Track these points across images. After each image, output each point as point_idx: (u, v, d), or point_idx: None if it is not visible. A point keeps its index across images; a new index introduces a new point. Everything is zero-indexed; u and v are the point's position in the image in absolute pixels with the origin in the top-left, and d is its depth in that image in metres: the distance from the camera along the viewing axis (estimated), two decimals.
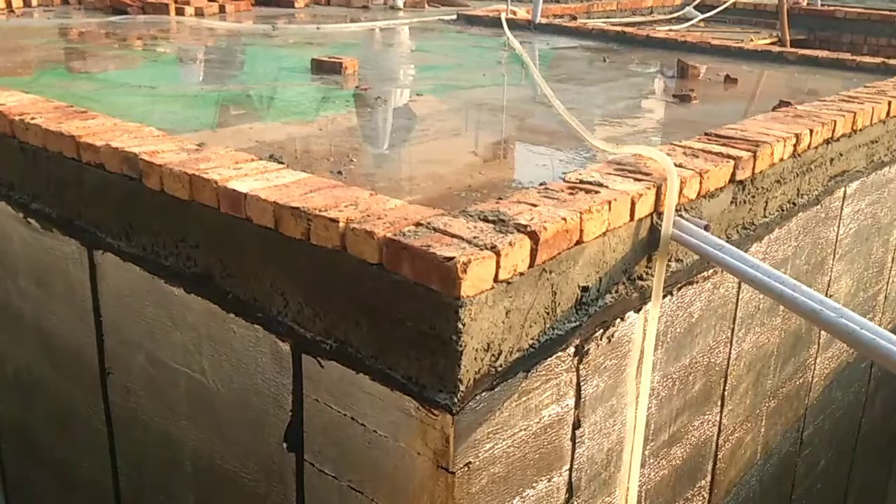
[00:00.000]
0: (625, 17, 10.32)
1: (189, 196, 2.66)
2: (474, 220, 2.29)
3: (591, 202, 2.44)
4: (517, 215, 2.32)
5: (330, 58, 5.30)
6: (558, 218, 2.31)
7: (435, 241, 2.13)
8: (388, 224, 2.23)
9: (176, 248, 2.79)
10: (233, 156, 2.86)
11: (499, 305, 2.16)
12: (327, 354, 2.39)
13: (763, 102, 4.72)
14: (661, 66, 6.03)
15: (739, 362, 3.54)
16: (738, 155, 3.09)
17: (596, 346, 2.59)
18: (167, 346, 2.93)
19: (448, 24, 8.08)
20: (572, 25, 7.81)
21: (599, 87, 5.06)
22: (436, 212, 2.35)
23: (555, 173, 3.17)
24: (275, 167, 2.75)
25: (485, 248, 2.10)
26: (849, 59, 6.17)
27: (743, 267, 2.39)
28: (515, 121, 4.10)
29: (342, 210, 2.34)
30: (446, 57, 6.09)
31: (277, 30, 7.31)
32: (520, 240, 2.17)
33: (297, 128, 3.75)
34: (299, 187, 2.55)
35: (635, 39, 7.15)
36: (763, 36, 9.87)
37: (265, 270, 2.51)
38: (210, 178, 2.59)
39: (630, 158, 2.95)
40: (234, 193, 2.52)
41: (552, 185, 2.62)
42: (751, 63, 6.28)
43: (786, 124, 3.62)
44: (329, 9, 9.34)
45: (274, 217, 2.42)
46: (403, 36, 7.19)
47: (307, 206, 2.35)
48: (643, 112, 4.43)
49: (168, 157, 2.80)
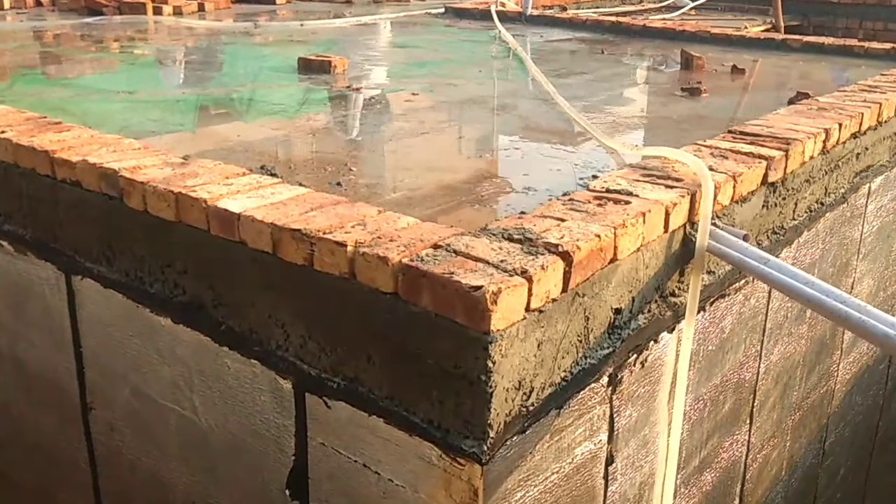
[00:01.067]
0: (614, 6, 10.10)
1: (175, 217, 2.40)
2: (498, 239, 2.05)
3: (624, 215, 2.20)
4: (545, 233, 2.07)
5: (318, 56, 5.03)
6: (591, 235, 2.06)
7: (457, 267, 1.88)
8: (403, 247, 1.98)
9: (162, 273, 2.53)
10: (222, 169, 2.59)
11: (530, 338, 1.91)
12: (335, 394, 2.14)
13: (776, 94, 4.50)
14: (664, 58, 5.79)
15: (768, 376, 3.31)
16: (770, 154, 2.86)
17: (629, 373, 2.35)
18: (154, 381, 2.67)
19: (436, 17, 7.82)
20: (565, 17, 7.56)
21: (601, 82, 4.82)
22: (454, 231, 2.10)
23: (572, 178, 2.92)
24: (269, 181, 2.49)
25: (514, 274, 1.85)
26: (856, 45, 5.95)
27: (796, 284, 2.15)
28: (519, 121, 3.86)
29: (349, 231, 2.08)
30: (438, 52, 5.83)
31: (259, 27, 7.03)
32: (552, 262, 1.93)
33: (288, 133, 3.49)
34: (298, 205, 2.29)
35: (631, 30, 6.91)
36: (757, 23, 9.67)
37: (262, 299, 2.25)
38: (198, 196, 2.33)
39: (655, 162, 2.71)
40: (225, 214, 2.26)
41: (577, 196, 2.38)
42: (753, 52, 6.06)
43: (812, 118, 3.39)
44: (311, 4, 9.05)
45: (271, 240, 2.16)
46: (391, 31, 6.92)
47: (309, 228, 2.10)
48: (651, 107, 4.19)
49: (151, 172, 2.54)
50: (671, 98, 4.37)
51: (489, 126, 3.81)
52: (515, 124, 3.79)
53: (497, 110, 4.10)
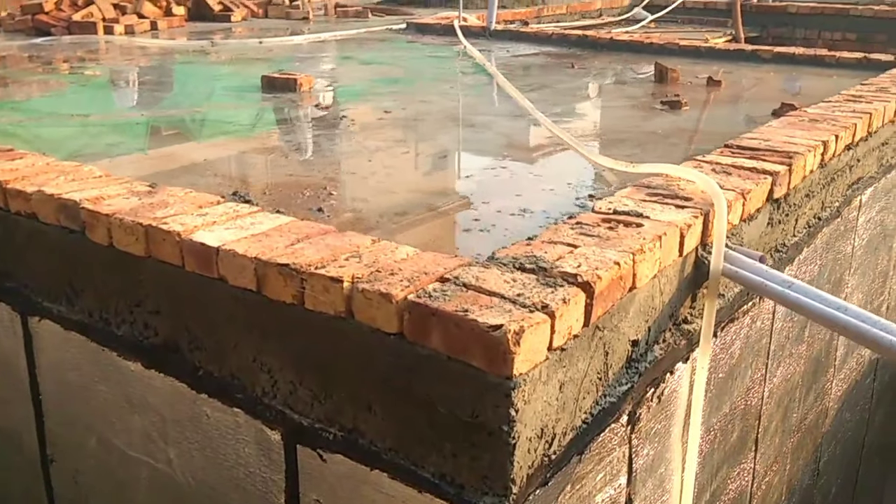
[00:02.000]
0: (574, 20, 10.03)
1: (145, 252, 2.17)
2: (510, 269, 1.86)
3: (640, 240, 2.03)
4: (559, 261, 1.89)
5: (282, 74, 4.82)
6: (610, 263, 1.89)
7: (471, 303, 1.69)
8: (406, 281, 1.79)
9: (130, 314, 2.30)
10: (194, 198, 2.37)
11: (553, 379, 1.73)
12: (331, 445, 1.93)
13: (758, 106, 4.40)
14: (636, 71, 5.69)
15: (771, 400, 3.17)
16: (774, 169, 2.73)
17: (647, 409, 2.18)
18: (124, 431, 2.42)
19: (398, 33, 7.64)
20: (530, 31, 7.44)
21: (576, 96, 4.68)
22: (459, 261, 1.91)
23: (568, 199, 2.75)
24: (247, 210, 2.28)
25: (535, 309, 1.67)
26: (827, 55, 5.91)
27: (827, 310, 2.00)
28: (501, 138, 3.68)
29: (343, 265, 1.88)
30: (405, 69, 5.65)
31: (216, 46, 6.79)
32: (573, 295, 1.74)
33: (258, 156, 3.27)
34: (282, 235, 2.08)
35: (598, 43, 6.81)
36: (718, 34, 9.67)
37: (246, 342, 2.03)
38: (170, 229, 2.11)
39: (658, 180, 2.56)
40: (201, 248, 2.04)
41: (584, 219, 2.21)
42: (724, 63, 5.99)
43: (807, 130, 3.27)
44: (267, 21, 8.83)
45: (255, 277, 1.95)
46: (354, 48, 6.72)
47: (298, 262, 1.89)
48: (632, 122, 4.05)
49: (116, 203, 2.31)
50: (652, 112, 4.24)
51: (471, 145, 3.63)
52: (498, 142, 3.61)
53: (476, 128, 3.93)
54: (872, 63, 5.70)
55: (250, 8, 9.07)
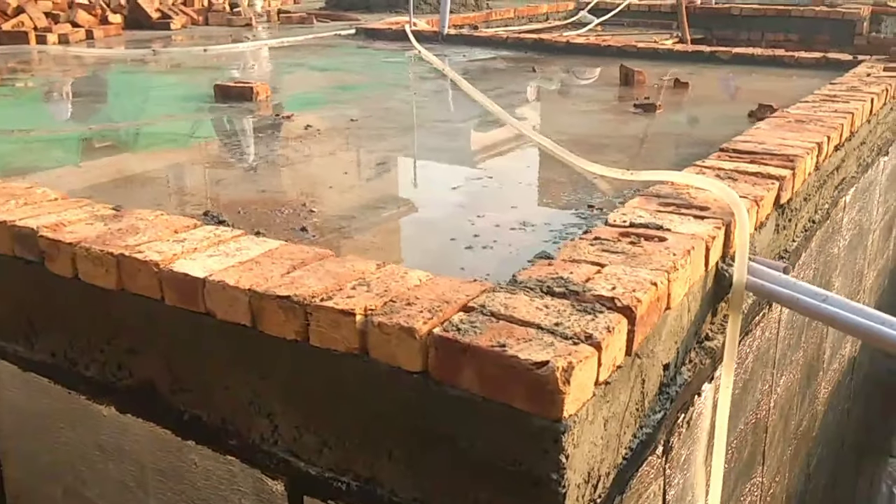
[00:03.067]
0: (522, 24, 9.93)
1: (116, 284, 1.93)
2: (538, 294, 1.68)
3: (670, 256, 1.87)
4: (589, 283, 1.72)
5: (236, 83, 4.56)
6: (647, 284, 1.72)
7: (506, 335, 1.50)
8: (427, 312, 1.59)
9: (101, 353, 2.05)
10: (167, 221, 2.14)
11: (598, 417, 1.55)
12: (344, 497, 1.72)
13: (732, 107, 4.32)
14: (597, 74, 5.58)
15: (776, 410, 3.06)
16: (780, 174, 2.60)
17: (678, 436, 2.02)
18: (96, 482, 2.17)
19: (347, 39, 7.42)
20: (485, 35, 7.30)
21: (545, 101, 4.54)
22: (480, 286, 1.72)
23: (568, 210, 2.59)
24: (230, 234, 2.05)
25: (579, 341, 1.49)
26: (786, 55, 5.89)
27: (874, 326, 1.86)
28: (478, 146, 3.52)
29: (352, 295, 1.68)
30: (362, 75, 5.44)
31: (158, 54, 6.48)
32: (616, 322, 1.57)
33: (226, 172, 3.03)
34: (275, 262, 1.87)
35: (555, 47, 6.69)
36: (665, 37, 9.67)
37: (239, 383, 1.81)
38: (147, 258, 1.87)
39: (666, 189, 2.41)
40: (185, 280, 1.81)
41: (601, 233, 2.04)
42: (683, 65, 5.92)
43: (797, 132, 3.17)
44: (208, 29, 8.52)
45: (250, 311, 1.73)
46: (305, 54, 6.48)
47: (301, 294, 1.68)
48: (609, 126, 3.92)
49: (79, 230, 2.06)
50: (626, 115, 4.12)
51: (449, 154, 3.44)
52: (476, 150, 3.45)
53: (449, 136, 3.75)
54: (831, 63, 5.70)
55: (190, 15, 8.75)
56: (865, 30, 9.85)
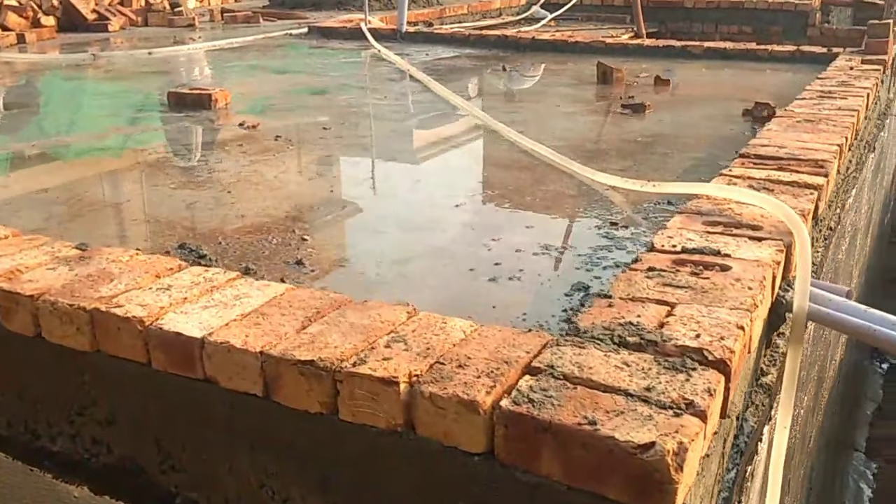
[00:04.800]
0: (476, 20, 9.69)
1: (91, 345, 1.61)
2: (610, 346, 1.41)
3: (745, 290, 1.62)
4: (665, 329, 1.46)
5: (191, 89, 4.21)
6: (733, 328, 1.47)
7: (590, 407, 1.23)
8: (486, 377, 1.31)
9: (70, 424, 1.72)
10: (145, 263, 1.81)
11: (696, 497, 1.29)
12: None
13: (723, 105, 4.12)
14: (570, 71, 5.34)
15: (799, 433, 2.85)
16: (816, 183, 2.39)
17: (746, 494, 1.77)
18: None
19: (301, 38, 7.06)
20: (445, 32, 7.01)
21: (524, 102, 4.28)
22: (539, 338, 1.45)
23: (591, 230, 2.33)
24: (223, 277, 1.74)
25: (680, 411, 1.23)
26: (759, 49, 5.75)
27: None
28: (470, 156, 3.24)
29: (387, 355, 1.39)
30: (324, 77, 5.11)
31: (98, 58, 6.04)
32: (715, 382, 1.31)
33: (196, 194, 2.70)
34: (284, 313, 1.56)
35: (520, 44, 6.44)
36: (620, 30, 9.52)
37: (247, 462, 1.51)
38: (129, 314, 1.55)
39: (707, 205, 2.17)
40: (178, 341, 1.50)
41: (654, 262, 1.78)
42: (654, 60, 5.72)
43: (813, 133, 2.98)
44: (148, 30, 8.06)
45: (263, 378, 1.43)
46: (259, 56, 6.11)
47: (326, 357, 1.38)
48: (602, 129, 3.68)
49: (40, 277, 1.73)
50: (616, 117, 3.88)
51: (439, 164, 3.16)
52: (468, 161, 3.17)
53: (435, 144, 3.46)
54: (806, 56, 5.57)
55: (128, 16, 8.27)
56: (818, 20, 9.83)
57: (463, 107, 3.93)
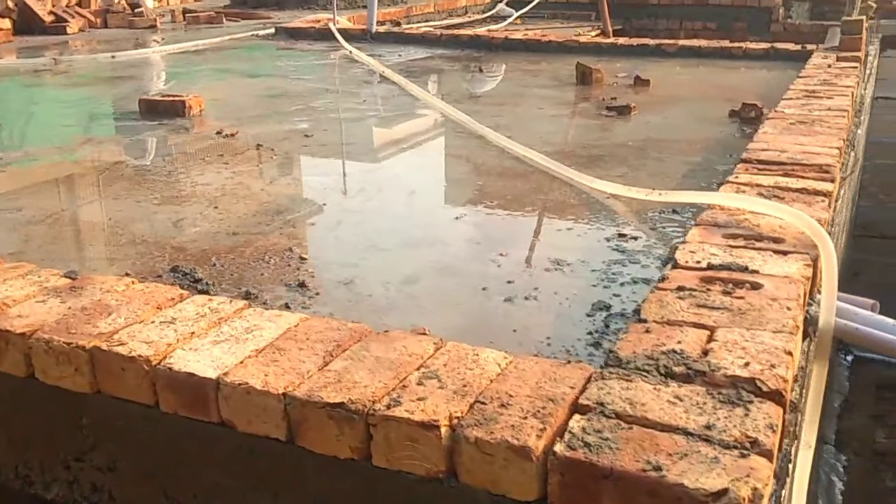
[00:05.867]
0: (442, 18, 9.60)
1: (91, 387, 1.49)
2: (657, 377, 1.34)
3: (785, 311, 1.56)
4: (710, 357, 1.39)
5: (164, 96, 4.06)
6: (781, 353, 1.40)
7: (650, 449, 1.15)
8: (533, 418, 1.22)
9: (66, 469, 1.60)
10: (143, 293, 1.69)
11: None
12: None
13: (706, 105, 4.08)
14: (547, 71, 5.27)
15: None
16: (826, 189, 2.34)
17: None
18: None
19: (268, 39, 6.90)
20: (416, 33, 6.91)
21: (505, 105, 4.20)
22: (580, 371, 1.36)
23: (600, 243, 2.25)
24: (230, 308, 1.63)
25: (746, 451, 1.15)
26: (734, 46, 5.74)
27: None
28: (462, 163, 3.14)
29: (421, 394, 1.29)
30: (298, 81, 4.97)
31: (60, 63, 5.83)
32: (776, 416, 1.25)
33: (181, 209, 2.57)
34: (302, 347, 1.46)
35: (492, 44, 6.36)
36: (586, 28, 9.50)
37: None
38: (134, 353, 1.44)
39: (722, 216, 2.10)
40: (190, 381, 1.39)
41: (682, 280, 1.71)
42: (629, 59, 5.68)
43: (811, 136, 2.94)
44: (108, 32, 7.83)
45: (287, 422, 1.33)
46: (227, 58, 5.94)
47: (358, 399, 1.29)
48: (590, 132, 3.61)
49: (31, 312, 1.60)
50: (602, 119, 3.82)
51: (430, 173, 3.07)
52: (461, 169, 3.07)
53: (423, 151, 3.37)
54: (780, 53, 5.58)
55: (87, 17, 8.03)
56: (781, 16, 9.90)
57: (446, 111, 3.84)
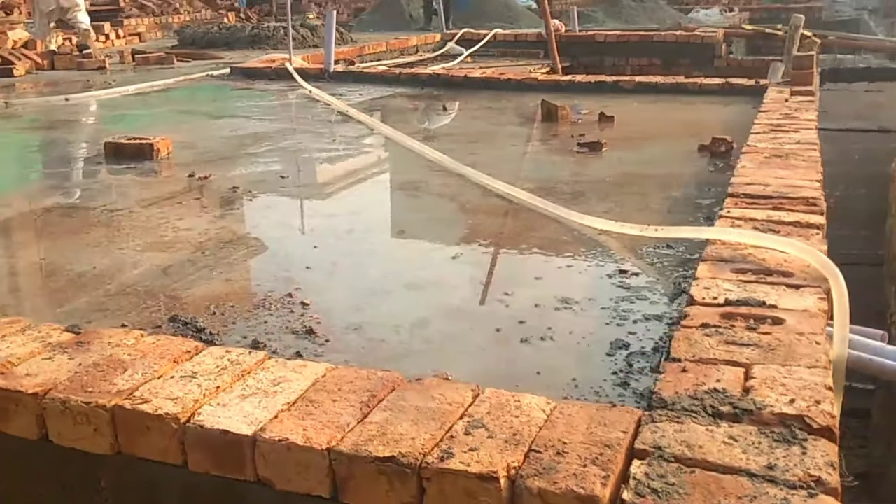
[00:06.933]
0: (395, 56, 9.65)
1: (112, 448, 1.42)
2: (706, 418, 1.33)
3: (812, 346, 1.56)
4: (753, 395, 1.38)
5: (129, 139, 3.96)
6: (821, 388, 1.40)
7: (718, 493, 1.14)
8: (593, 465, 1.20)
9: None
10: (155, 346, 1.63)
11: None
12: None
13: (675, 141, 4.15)
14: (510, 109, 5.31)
15: None
16: (818, 222, 2.38)
17: None
18: None
19: (224, 80, 6.84)
20: (375, 72, 6.92)
21: (481, 143, 4.20)
22: (628, 414, 1.34)
23: (601, 279, 2.25)
24: (251, 360, 1.57)
25: (814, 491, 1.14)
26: (690, 82, 5.87)
27: None
28: (448, 202, 3.11)
29: (473, 445, 1.26)
30: (262, 121, 4.92)
31: (11, 106, 5.69)
32: (832, 453, 1.24)
33: (170, 257, 2.49)
34: (336, 399, 1.41)
35: (453, 82, 6.40)
36: (536, 66, 9.64)
37: None
38: (160, 411, 1.37)
39: (727, 251, 2.11)
40: (224, 440, 1.33)
41: (705, 317, 1.71)
42: (587, 96, 5.75)
43: (790, 170, 3.00)
44: (56, 74, 7.68)
45: (332, 479, 1.28)
46: (185, 100, 5.86)
47: (408, 452, 1.24)
48: (567, 169, 3.63)
49: (39, 370, 1.52)
50: (576, 155, 3.85)
51: (419, 213, 3.03)
52: (449, 208, 3.05)
53: (406, 191, 3.34)
54: (734, 88, 5.71)
55: (33, 59, 7.87)
56: (724, 52, 10.19)
57: (422, 151, 3.83)
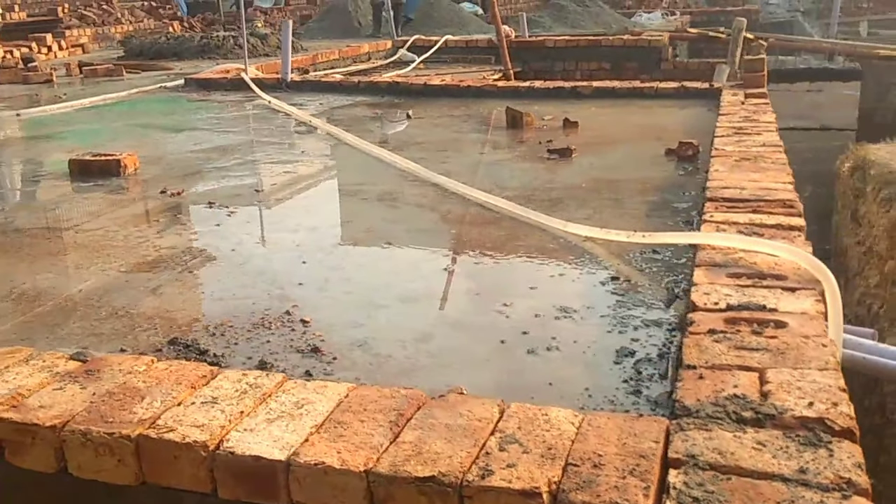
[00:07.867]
0: (347, 64, 9.62)
1: (136, 478, 1.39)
2: (732, 424, 1.36)
3: (819, 348, 1.61)
4: (774, 400, 1.42)
5: (96, 155, 3.89)
6: (835, 390, 1.45)
7: (755, 499, 1.18)
8: (632, 477, 1.22)
9: None
10: (169, 372, 1.61)
11: None
12: None
13: (641, 146, 4.20)
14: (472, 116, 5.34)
15: None
16: (799, 224, 2.45)
17: None
18: None
19: (178, 91, 6.73)
20: (334, 80, 6.89)
21: (451, 151, 4.22)
22: (656, 424, 1.37)
23: (597, 288, 2.28)
24: (270, 382, 1.56)
25: (847, 493, 1.18)
26: (646, 87, 5.97)
27: None
28: (428, 213, 3.12)
29: (510, 461, 1.27)
30: (225, 134, 4.86)
31: None
32: (857, 454, 1.28)
33: (157, 277, 2.45)
34: (364, 419, 1.42)
35: (413, 90, 6.41)
36: (488, 71, 9.69)
37: None
38: (188, 439, 1.36)
39: (718, 256, 2.16)
40: (256, 466, 1.32)
41: (711, 323, 1.75)
42: (547, 102, 5.81)
43: (760, 172, 3.08)
44: (2, 87, 7.47)
45: (369, 500, 1.28)
46: (140, 113, 5.75)
47: (448, 471, 1.25)
48: (538, 175, 3.65)
49: (53, 402, 1.49)
50: (546, 162, 3.89)
51: (402, 224, 3.02)
52: (429, 218, 3.05)
53: (384, 201, 3.33)
54: (689, 91, 5.82)
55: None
56: (670, 55, 10.37)
57: (393, 161, 3.83)
